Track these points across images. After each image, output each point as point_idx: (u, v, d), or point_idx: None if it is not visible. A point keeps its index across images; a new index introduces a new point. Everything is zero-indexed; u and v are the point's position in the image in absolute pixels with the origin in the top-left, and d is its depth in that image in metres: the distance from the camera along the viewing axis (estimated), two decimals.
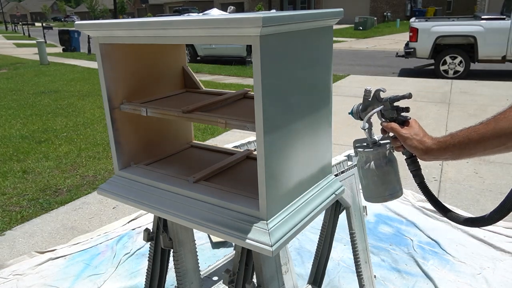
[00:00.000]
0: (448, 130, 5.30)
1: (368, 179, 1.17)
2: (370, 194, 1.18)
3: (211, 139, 5.33)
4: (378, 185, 1.15)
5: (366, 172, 1.17)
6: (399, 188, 1.17)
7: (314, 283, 2.04)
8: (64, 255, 2.75)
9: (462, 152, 0.99)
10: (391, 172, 1.16)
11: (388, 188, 1.15)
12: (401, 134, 1.09)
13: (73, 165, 4.51)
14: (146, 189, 1.36)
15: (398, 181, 1.18)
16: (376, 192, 1.16)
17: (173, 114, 1.30)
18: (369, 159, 1.16)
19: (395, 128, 1.11)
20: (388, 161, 1.16)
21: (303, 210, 1.21)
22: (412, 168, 1.15)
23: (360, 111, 1.21)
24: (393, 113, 1.13)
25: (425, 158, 1.08)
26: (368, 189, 1.18)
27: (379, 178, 1.15)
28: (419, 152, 1.08)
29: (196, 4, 48.97)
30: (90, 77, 10.61)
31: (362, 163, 1.18)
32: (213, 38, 1.05)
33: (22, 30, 37.85)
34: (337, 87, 8.33)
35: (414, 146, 1.08)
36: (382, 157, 1.15)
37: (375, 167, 1.15)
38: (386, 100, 1.14)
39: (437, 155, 1.05)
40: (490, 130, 0.92)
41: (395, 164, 1.17)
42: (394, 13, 34.04)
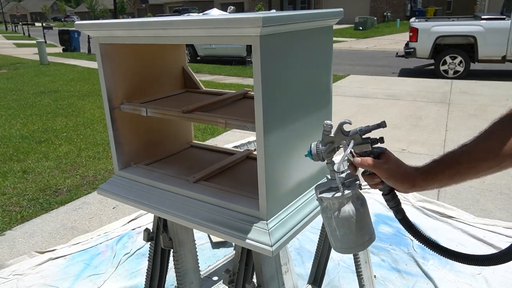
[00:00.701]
0: (448, 130, 5.30)
1: (345, 228, 1.00)
2: (349, 245, 1.02)
3: (211, 139, 5.33)
4: (357, 232, 1.00)
5: (343, 221, 1.00)
6: (373, 230, 1.05)
7: (314, 283, 2.04)
8: (64, 255, 2.75)
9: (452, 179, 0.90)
10: (366, 214, 1.02)
11: (367, 232, 1.02)
12: (383, 171, 0.95)
13: (73, 165, 4.51)
14: (146, 189, 1.36)
15: (371, 222, 1.05)
16: (355, 241, 1.01)
17: (173, 114, 1.30)
18: (343, 204, 1.00)
19: (374, 164, 0.95)
20: (362, 202, 1.02)
21: (303, 210, 1.21)
22: (392, 205, 1.02)
23: (322, 151, 1.01)
24: (366, 147, 0.97)
25: (409, 190, 0.96)
26: (346, 239, 1.02)
27: (358, 224, 1.00)
28: (405, 187, 0.95)
29: (196, 4, 48.96)
30: (90, 77, 10.61)
31: (333, 212, 1.01)
32: (213, 38, 1.05)
33: (22, 30, 37.86)
34: (337, 87, 8.33)
35: (398, 181, 0.95)
36: (356, 199, 1.00)
37: (353, 213, 0.99)
38: (354, 133, 0.98)
39: (424, 187, 0.94)
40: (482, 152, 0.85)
41: (366, 203, 1.04)
42: (394, 13, 34.04)
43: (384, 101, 7.07)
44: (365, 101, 7.09)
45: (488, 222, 3.00)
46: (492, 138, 0.84)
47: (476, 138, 0.87)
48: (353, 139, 0.98)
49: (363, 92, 7.87)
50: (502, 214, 3.15)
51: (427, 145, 4.78)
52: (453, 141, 4.84)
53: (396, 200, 1.02)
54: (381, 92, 7.78)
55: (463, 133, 5.09)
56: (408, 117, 6.00)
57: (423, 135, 5.14)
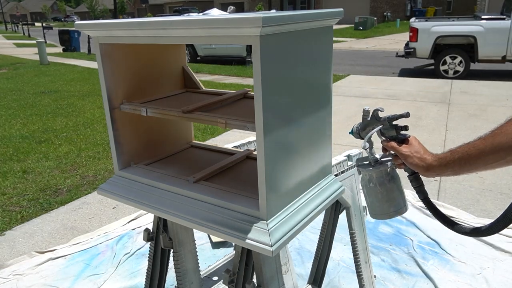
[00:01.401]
0: (448, 130, 5.30)
1: (372, 197, 1.19)
2: (375, 211, 1.20)
3: (211, 139, 5.33)
4: (382, 202, 1.17)
5: (370, 190, 1.19)
6: (403, 204, 1.19)
7: (314, 283, 2.04)
8: (64, 255, 2.75)
9: (462, 167, 1.00)
10: (394, 189, 1.17)
11: (393, 204, 1.17)
12: (402, 153, 1.11)
13: (73, 165, 4.51)
14: (146, 189, 1.36)
15: (402, 198, 1.20)
16: (381, 209, 1.18)
17: (173, 114, 1.30)
18: (372, 177, 1.18)
19: (395, 146, 1.13)
20: (390, 178, 1.17)
21: (303, 210, 1.21)
22: (415, 185, 1.16)
23: (360, 130, 1.23)
24: (392, 132, 1.15)
25: (427, 174, 1.09)
26: (373, 206, 1.20)
27: (383, 196, 1.17)
28: (421, 170, 1.09)
29: (196, 4, 48.96)
30: (90, 77, 10.61)
31: (366, 182, 1.20)
32: (213, 38, 1.05)
33: (22, 30, 37.86)
34: (337, 87, 8.33)
35: (415, 163, 1.09)
36: (384, 175, 1.17)
37: (378, 185, 1.17)
38: (384, 119, 1.16)
39: (439, 172, 1.06)
40: (489, 145, 0.93)
41: (398, 181, 1.19)
42: (394, 13, 34.04)
43: (384, 101, 7.07)
44: (365, 101, 7.09)
45: (488, 222, 3.00)
46: (499, 133, 0.92)
47: (489, 132, 0.95)
48: (382, 124, 1.16)
49: (363, 92, 7.87)
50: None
51: (427, 145, 4.72)
52: (453, 141, 4.84)
53: (419, 181, 1.15)
54: (381, 92, 7.78)
55: (463, 133, 5.09)
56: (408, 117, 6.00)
57: (423, 135, 5.15)
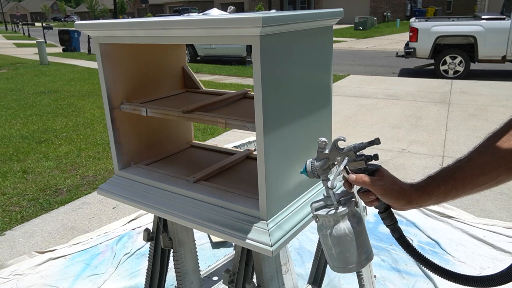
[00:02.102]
0: (448, 130, 5.30)
1: (341, 246, 0.99)
2: (345, 263, 1.01)
3: (211, 139, 5.33)
4: (353, 250, 0.99)
5: (338, 239, 0.99)
6: (371, 249, 1.03)
7: (314, 283, 2.04)
8: (64, 255, 2.75)
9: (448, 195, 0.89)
10: (363, 232, 1.01)
11: (364, 251, 1.00)
12: (378, 188, 0.95)
13: (73, 165, 4.51)
14: (146, 189, 1.36)
15: (368, 240, 1.03)
16: (352, 260, 1.00)
17: (173, 114, 1.30)
18: (338, 222, 0.99)
19: (369, 181, 0.95)
20: (358, 220, 1.01)
21: (303, 210, 1.21)
22: (389, 223, 1.01)
23: (317, 167, 1.01)
24: (360, 164, 0.97)
25: (406, 208, 0.95)
26: (341, 258, 1.00)
27: (354, 242, 0.99)
28: (401, 204, 0.94)
29: (196, 4, 48.99)
30: (90, 77, 10.61)
31: (329, 229, 1.00)
32: (213, 38, 1.05)
33: (22, 30, 37.88)
34: (337, 87, 8.33)
35: (394, 197, 0.94)
36: (351, 217, 1.00)
37: (349, 231, 0.98)
38: (349, 150, 0.98)
39: (421, 203, 0.93)
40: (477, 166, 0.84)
41: (362, 221, 1.03)
42: (394, 13, 34.04)
43: (384, 101, 7.07)
44: (365, 101, 7.10)
45: (488, 222, 3.00)
46: (486, 152, 0.84)
47: (471, 153, 0.87)
48: (347, 156, 0.97)
49: (363, 92, 7.87)
50: (502, 214, 3.15)
51: (427, 145, 4.78)
52: (453, 141, 4.84)
53: (393, 218, 1.00)
54: (381, 92, 7.78)
55: (463, 133, 5.09)
56: (408, 117, 6.00)
57: (423, 135, 5.14)
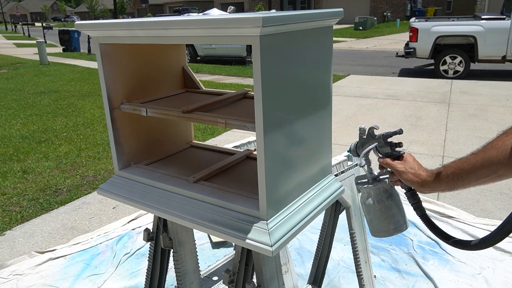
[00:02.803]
0: (448, 130, 5.30)
1: (371, 214, 1.19)
2: (375, 229, 1.21)
3: (211, 139, 5.33)
4: (381, 219, 1.18)
5: (369, 207, 1.19)
6: (403, 222, 1.19)
7: (314, 283, 2.04)
8: (64, 255, 2.75)
9: (456, 182, 1.01)
10: (392, 207, 1.18)
11: (392, 222, 1.18)
12: (396, 169, 1.13)
13: (73, 165, 4.51)
14: (146, 189, 1.36)
15: (401, 215, 1.20)
16: (380, 227, 1.18)
17: (173, 114, 1.30)
18: (370, 194, 1.19)
19: (390, 163, 1.14)
20: (389, 195, 1.18)
21: (303, 210, 1.21)
22: (412, 201, 1.16)
23: (357, 148, 1.26)
24: (387, 149, 1.17)
25: (422, 190, 1.10)
26: (372, 224, 1.21)
27: (382, 213, 1.17)
28: (416, 185, 1.10)
29: (196, 4, 48.98)
30: (90, 77, 10.61)
31: (364, 199, 1.21)
32: (213, 38, 1.05)
33: (22, 30, 37.87)
34: (337, 87, 8.33)
35: (410, 179, 1.10)
36: (382, 192, 1.18)
37: (377, 202, 1.18)
38: (379, 137, 1.18)
39: (433, 187, 1.07)
40: (480, 159, 0.94)
41: (396, 198, 1.20)
42: (394, 13, 34.03)
43: (384, 101, 7.07)
44: (365, 101, 7.09)
45: (488, 222, 3.00)
46: (490, 147, 0.93)
47: (480, 147, 0.96)
48: (377, 142, 1.19)
49: (363, 92, 7.87)
50: (502, 214, 3.15)
51: (427, 145, 4.78)
52: (453, 141, 4.84)
53: (416, 198, 1.15)
54: (381, 92, 7.78)
55: (463, 133, 5.09)
56: (408, 117, 6.00)
57: (423, 135, 5.15)
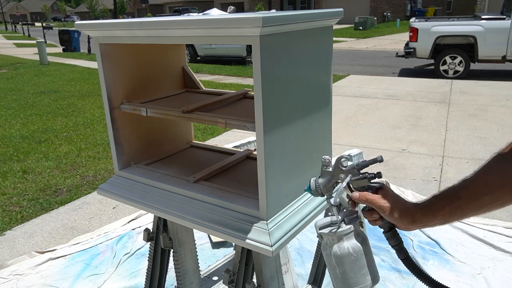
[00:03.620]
0: (448, 130, 5.30)
1: (345, 266, 0.97)
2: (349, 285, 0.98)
3: (211, 139, 5.33)
4: (357, 271, 0.97)
5: (341, 258, 0.97)
6: (377, 271, 1.00)
7: (314, 283, 2.04)
8: (64, 255, 2.75)
9: (453, 214, 0.87)
10: (368, 252, 0.99)
11: (369, 272, 0.98)
12: (380, 205, 0.93)
13: (73, 165, 4.51)
14: (146, 189, 1.36)
15: (374, 262, 1.01)
16: (356, 281, 0.97)
17: (173, 114, 1.30)
18: (341, 240, 0.98)
19: (372, 199, 0.94)
20: (362, 239, 0.99)
21: (303, 210, 1.21)
22: (393, 243, 0.99)
23: (321, 185, 1.01)
24: (363, 182, 0.97)
25: (410, 228, 0.94)
26: (345, 278, 0.98)
27: (358, 261, 0.97)
28: (405, 223, 0.93)
29: (196, 4, 48.99)
30: (90, 77, 10.61)
31: (333, 248, 0.98)
32: (213, 38, 1.05)
33: (22, 30, 37.88)
34: (337, 87, 8.33)
35: (397, 217, 0.93)
36: (356, 236, 0.98)
37: (352, 250, 0.96)
38: (352, 168, 0.98)
39: (425, 223, 0.91)
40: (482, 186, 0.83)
41: (367, 241, 1.01)
42: (394, 13, 34.04)
43: (384, 101, 7.07)
44: (365, 101, 7.10)
45: (488, 222, 3.00)
46: (492, 171, 0.83)
47: (476, 172, 0.85)
48: (350, 174, 0.97)
49: (363, 92, 7.87)
50: (502, 214, 3.15)
51: (427, 145, 4.78)
52: (453, 141, 4.84)
53: (398, 238, 0.99)
54: (381, 92, 7.78)
55: (463, 133, 5.09)
56: (408, 117, 6.00)
57: (423, 135, 5.14)
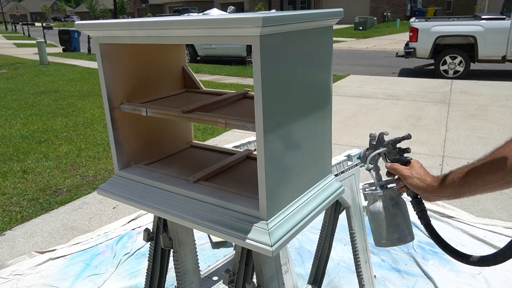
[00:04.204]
0: (448, 130, 5.30)
1: (376, 222, 1.17)
2: (379, 237, 1.17)
3: (211, 139, 5.33)
4: (385, 228, 1.15)
5: (374, 214, 1.17)
6: (408, 233, 1.16)
7: (314, 283, 2.04)
8: (64, 255, 2.75)
9: (461, 188, 0.98)
10: (398, 215, 1.16)
11: (396, 231, 1.15)
12: (402, 173, 1.12)
13: (73, 165, 4.51)
14: (146, 189, 1.36)
15: (407, 225, 1.17)
16: (384, 235, 1.15)
17: (173, 114, 1.30)
18: (376, 201, 1.17)
19: (397, 168, 1.14)
20: (395, 203, 1.16)
21: (303, 210, 1.21)
22: (417, 209, 1.14)
23: (367, 155, 1.25)
24: (395, 155, 1.17)
25: (427, 196, 1.08)
26: (376, 231, 1.18)
27: (387, 221, 1.15)
28: (421, 190, 1.09)
29: (196, 4, 48.99)
30: (90, 77, 10.61)
31: (370, 205, 1.19)
32: (213, 38, 1.05)
33: (22, 30, 37.88)
34: (337, 87, 8.33)
35: (415, 184, 1.09)
36: (389, 200, 1.16)
37: (382, 209, 1.15)
38: (388, 143, 1.19)
39: (438, 193, 1.05)
40: (487, 165, 0.92)
41: (403, 207, 1.17)
42: (394, 13, 34.03)
43: (384, 101, 7.07)
44: (365, 101, 7.09)
45: (488, 222, 3.00)
46: (498, 153, 0.91)
47: (488, 153, 0.94)
48: (385, 147, 1.19)
49: (363, 92, 7.87)
50: (502, 214, 3.15)
51: (427, 145, 4.78)
52: (453, 141, 4.84)
53: (421, 206, 1.13)
54: (381, 92, 7.78)
55: (463, 133, 5.09)
56: (408, 117, 6.00)
57: (423, 135, 5.15)
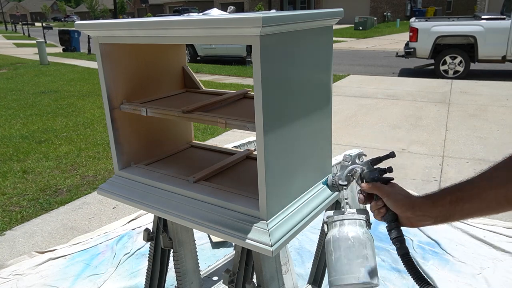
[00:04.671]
0: (448, 130, 5.30)
1: (341, 251, 0.95)
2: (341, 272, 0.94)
3: (211, 139, 5.33)
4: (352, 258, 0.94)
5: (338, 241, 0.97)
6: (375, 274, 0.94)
7: (314, 283, 2.04)
8: (64, 255, 2.75)
9: (454, 207, 0.86)
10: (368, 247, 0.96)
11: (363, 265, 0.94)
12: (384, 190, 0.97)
13: (73, 165, 4.51)
14: (146, 189, 1.36)
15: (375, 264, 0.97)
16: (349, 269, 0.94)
17: (173, 114, 1.30)
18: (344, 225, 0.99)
19: (378, 186, 0.98)
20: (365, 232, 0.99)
21: (303, 210, 1.21)
22: (395, 235, 0.96)
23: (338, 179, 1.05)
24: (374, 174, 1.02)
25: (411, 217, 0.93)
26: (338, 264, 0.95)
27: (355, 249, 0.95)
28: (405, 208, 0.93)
29: (196, 4, 49.00)
30: (90, 77, 10.61)
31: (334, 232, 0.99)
32: (213, 38, 1.05)
33: (22, 30, 37.88)
34: (337, 87, 8.33)
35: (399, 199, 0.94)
36: (359, 226, 0.99)
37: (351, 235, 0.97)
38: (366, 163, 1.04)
39: (425, 211, 0.90)
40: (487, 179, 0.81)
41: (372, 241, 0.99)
42: (394, 13, 34.04)
43: (384, 101, 7.07)
44: (365, 101, 7.09)
45: (488, 222, 3.00)
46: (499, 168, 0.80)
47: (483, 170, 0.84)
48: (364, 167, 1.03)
49: (363, 92, 7.87)
50: (502, 214, 3.15)
51: (427, 145, 4.78)
52: (453, 141, 4.84)
53: (399, 232, 0.97)
54: (381, 92, 7.78)
55: (463, 133, 5.09)
56: (408, 117, 6.00)
57: (423, 135, 5.14)
